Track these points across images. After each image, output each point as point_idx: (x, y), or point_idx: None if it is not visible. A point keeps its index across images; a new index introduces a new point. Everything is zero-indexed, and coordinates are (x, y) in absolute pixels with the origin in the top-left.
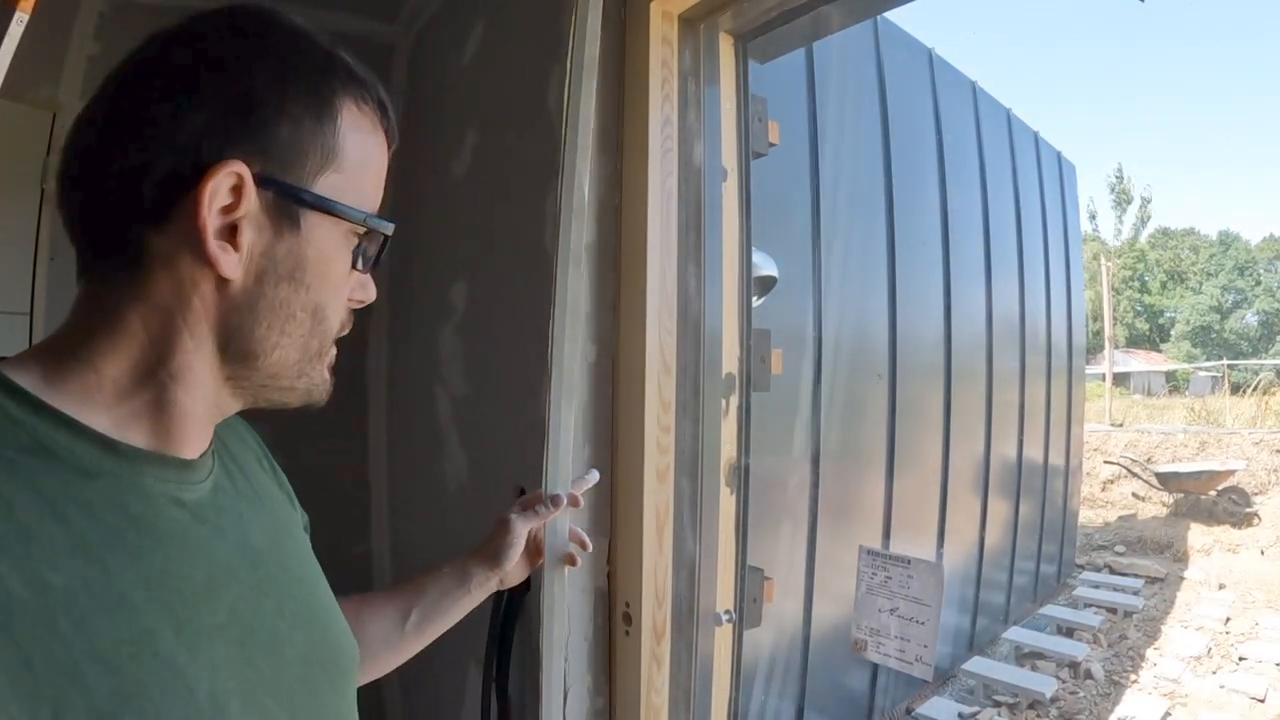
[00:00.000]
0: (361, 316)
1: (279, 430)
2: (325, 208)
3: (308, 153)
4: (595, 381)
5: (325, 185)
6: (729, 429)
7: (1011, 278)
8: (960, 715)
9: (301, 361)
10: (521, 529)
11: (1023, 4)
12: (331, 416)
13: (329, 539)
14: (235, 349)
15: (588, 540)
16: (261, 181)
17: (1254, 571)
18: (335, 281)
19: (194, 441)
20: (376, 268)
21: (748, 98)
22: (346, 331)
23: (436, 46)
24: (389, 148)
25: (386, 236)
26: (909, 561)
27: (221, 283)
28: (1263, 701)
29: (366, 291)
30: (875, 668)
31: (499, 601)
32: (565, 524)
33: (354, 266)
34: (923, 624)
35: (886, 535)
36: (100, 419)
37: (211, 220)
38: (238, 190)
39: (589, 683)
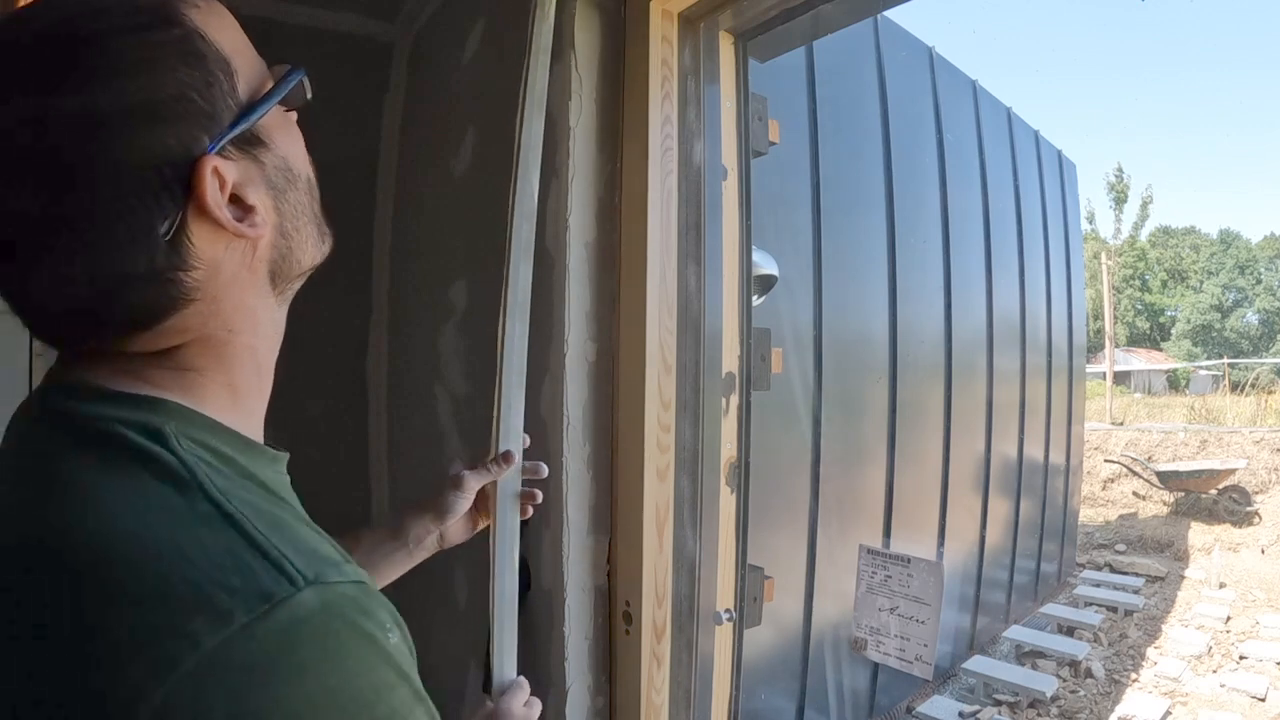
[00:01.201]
0: (361, 316)
1: (279, 430)
2: (263, 110)
3: (220, 90)
4: (595, 380)
5: (245, 93)
6: (729, 428)
7: (1012, 276)
8: (961, 714)
9: (318, 228)
10: (473, 484)
11: (1023, 3)
12: (332, 417)
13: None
14: (284, 269)
15: (538, 495)
16: (221, 147)
17: (1255, 570)
18: (302, 150)
19: None
20: (305, 100)
21: (748, 96)
22: None
23: (436, 45)
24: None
25: (302, 75)
26: (909, 560)
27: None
28: (1263, 700)
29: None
30: (876, 666)
31: None
32: (517, 478)
33: (298, 116)
34: (923, 623)
35: (887, 534)
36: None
37: (228, 216)
38: (218, 172)
39: (589, 682)
